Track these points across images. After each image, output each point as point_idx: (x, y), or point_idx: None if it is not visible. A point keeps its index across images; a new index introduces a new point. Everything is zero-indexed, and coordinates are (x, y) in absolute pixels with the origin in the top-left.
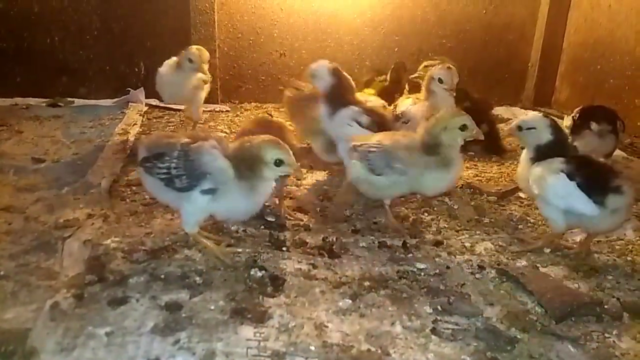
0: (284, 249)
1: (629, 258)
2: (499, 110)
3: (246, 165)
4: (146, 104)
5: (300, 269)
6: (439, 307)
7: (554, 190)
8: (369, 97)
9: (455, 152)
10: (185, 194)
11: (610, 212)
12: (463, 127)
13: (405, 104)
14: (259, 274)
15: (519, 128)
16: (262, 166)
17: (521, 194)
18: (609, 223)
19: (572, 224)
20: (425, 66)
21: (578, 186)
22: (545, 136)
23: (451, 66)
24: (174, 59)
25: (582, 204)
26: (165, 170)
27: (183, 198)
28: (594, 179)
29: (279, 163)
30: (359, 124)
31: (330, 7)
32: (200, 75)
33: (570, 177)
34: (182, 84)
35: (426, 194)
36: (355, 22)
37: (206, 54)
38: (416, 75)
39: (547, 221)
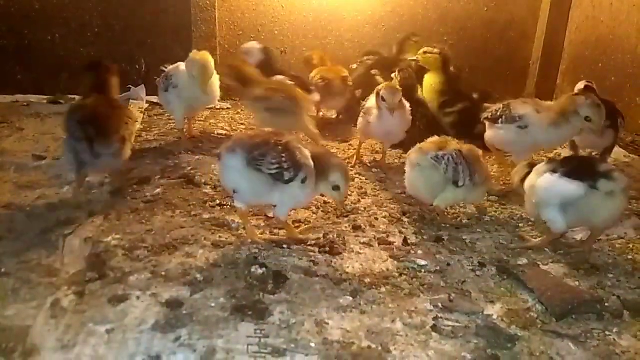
0: (284, 246)
1: (629, 256)
2: None
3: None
4: (147, 102)
5: (301, 266)
6: (439, 305)
7: (543, 189)
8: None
9: None
10: (286, 186)
11: (604, 195)
12: None
13: (525, 108)
14: (260, 271)
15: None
16: (321, 182)
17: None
18: (609, 209)
19: (575, 220)
20: (425, 52)
21: (563, 176)
22: None
23: (600, 104)
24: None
25: (567, 187)
26: (277, 165)
27: (284, 190)
28: (578, 168)
29: (335, 188)
30: None
31: (331, 5)
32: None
33: (553, 172)
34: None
35: None
36: (356, 20)
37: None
38: (414, 58)
39: (548, 224)
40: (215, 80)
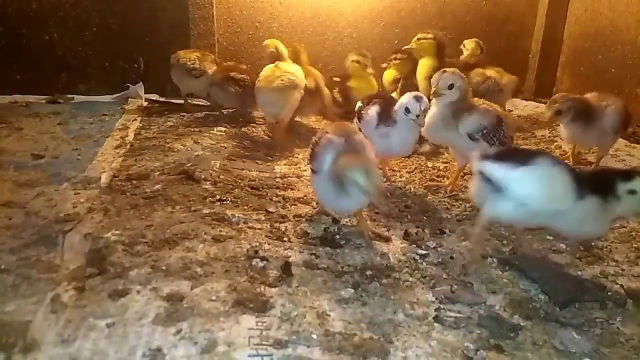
0: (285, 239)
1: (633, 245)
2: None
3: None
4: (146, 99)
5: (302, 259)
6: (441, 296)
7: None
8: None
9: None
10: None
11: None
12: None
13: None
14: (261, 264)
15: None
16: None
17: None
18: None
19: None
20: (419, 39)
21: None
22: None
23: None
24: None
25: None
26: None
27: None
28: None
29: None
30: None
31: (329, 0)
32: None
33: None
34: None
35: None
36: (354, 15)
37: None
38: (409, 46)
39: None
40: None
